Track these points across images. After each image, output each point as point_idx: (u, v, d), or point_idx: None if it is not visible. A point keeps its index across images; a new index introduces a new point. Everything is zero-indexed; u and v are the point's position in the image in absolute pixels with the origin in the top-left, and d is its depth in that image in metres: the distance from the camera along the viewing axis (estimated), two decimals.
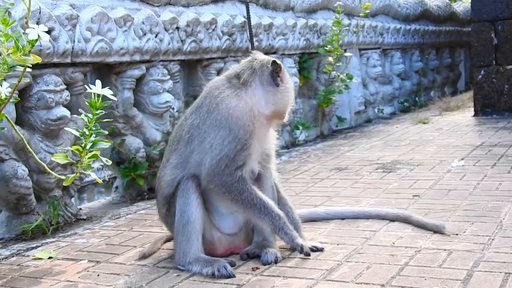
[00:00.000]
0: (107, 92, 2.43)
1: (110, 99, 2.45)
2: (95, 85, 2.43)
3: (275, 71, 2.61)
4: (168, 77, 4.33)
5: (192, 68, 4.79)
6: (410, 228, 2.88)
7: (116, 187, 4.15)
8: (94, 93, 2.40)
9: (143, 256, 2.68)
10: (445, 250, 2.53)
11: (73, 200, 3.67)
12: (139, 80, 4.17)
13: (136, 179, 4.02)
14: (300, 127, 5.94)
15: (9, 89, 2.48)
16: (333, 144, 5.76)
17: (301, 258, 2.55)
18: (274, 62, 2.62)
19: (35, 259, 2.75)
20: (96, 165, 4.88)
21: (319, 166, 4.68)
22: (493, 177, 3.84)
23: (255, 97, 2.58)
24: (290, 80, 2.74)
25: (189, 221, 2.48)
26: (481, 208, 3.15)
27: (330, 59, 6.12)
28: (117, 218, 3.48)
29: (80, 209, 3.74)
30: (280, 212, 2.54)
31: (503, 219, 2.92)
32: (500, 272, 2.23)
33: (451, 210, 3.15)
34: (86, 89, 2.46)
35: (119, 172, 4.05)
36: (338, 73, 6.29)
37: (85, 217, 3.55)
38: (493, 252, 2.46)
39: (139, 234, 3.08)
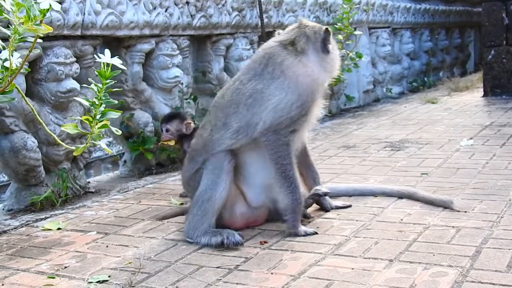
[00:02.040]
0: (116, 61, 2.41)
1: (119, 69, 2.44)
2: (108, 51, 2.42)
3: (327, 38, 2.65)
4: (178, 52, 4.32)
5: (201, 43, 4.77)
6: (418, 205, 2.87)
7: (125, 161, 4.16)
8: (103, 63, 2.39)
9: (162, 218, 2.82)
10: (453, 227, 2.53)
11: (81, 173, 3.68)
12: (149, 55, 4.16)
13: (144, 154, 4.03)
14: None
15: (20, 60, 2.47)
16: (341, 123, 5.75)
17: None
18: (326, 30, 2.67)
19: (44, 229, 2.77)
20: (104, 141, 4.89)
21: (327, 143, 4.67)
22: (502, 157, 3.82)
23: (316, 65, 2.65)
24: (336, 47, 2.81)
25: (211, 199, 2.49)
26: (490, 186, 3.14)
27: (340, 37, 6.07)
28: (125, 192, 3.49)
29: (89, 182, 3.76)
30: (300, 197, 2.57)
31: None
32: (509, 249, 2.23)
33: (459, 188, 3.15)
34: (96, 62, 2.46)
35: (128, 146, 4.06)
36: (348, 52, 6.25)
37: (93, 190, 3.56)
38: (502, 230, 2.46)
39: (147, 207, 3.09)
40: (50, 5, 2.30)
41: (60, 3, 3.36)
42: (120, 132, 2.53)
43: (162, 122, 3.34)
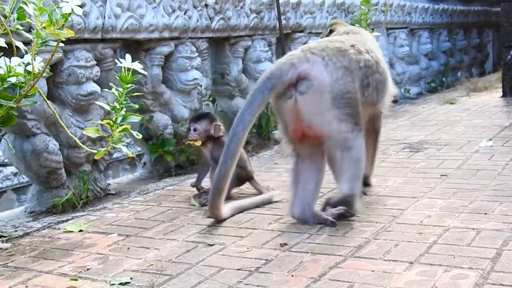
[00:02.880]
0: (137, 66, 2.45)
1: (140, 73, 2.47)
2: (129, 55, 2.45)
3: None
4: (196, 54, 4.34)
5: (220, 45, 4.79)
6: (438, 207, 2.87)
7: (144, 163, 4.19)
8: (124, 67, 2.42)
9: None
10: (473, 229, 2.52)
11: (101, 175, 3.72)
12: (168, 57, 4.19)
13: (163, 156, 4.05)
14: None
15: (42, 64, 2.51)
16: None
17: (329, 235, 2.56)
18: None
19: (66, 232, 2.80)
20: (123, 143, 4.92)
21: None
22: None
23: None
24: None
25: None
26: (509, 188, 3.13)
27: None
28: (145, 194, 3.52)
29: (109, 184, 3.79)
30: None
31: None
32: None
33: (479, 189, 3.14)
34: (116, 65, 2.49)
35: (147, 148, 4.09)
36: None
37: (114, 192, 3.59)
38: None
39: (168, 209, 3.11)
40: (72, 9, 2.34)
41: (81, 6, 3.42)
42: (140, 136, 2.57)
43: (191, 121, 3.35)
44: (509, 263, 2.13)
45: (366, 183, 3.26)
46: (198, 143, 3.30)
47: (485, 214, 2.72)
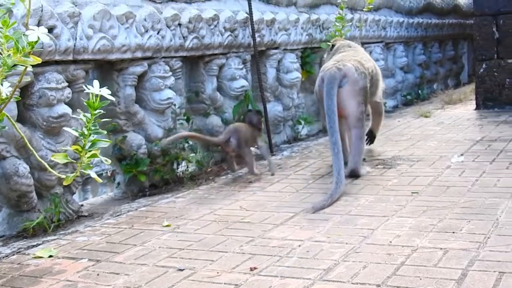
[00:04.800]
0: (105, 92, 2.45)
1: (108, 99, 2.48)
2: (96, 81, 2.46)
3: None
4: (170, 73, 4.36)
5: (194, 64, 4.80)
6: (407, 226, 2.90)
7: (118, 183, 4.18)
8: (92, 93, 2.43)
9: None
10: (441, 248, 2.56)
11: (74, 196, 3.71)
12: (141, 77, 4.19)
13: (137, 176, 4.05)
14: (302, 122, 5.96)
15: (10, 88, 2.51)
16: None
17: (299, 257, 2.58)
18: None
19: (35, 257, 2.79)
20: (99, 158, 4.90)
21: (320, 161, 4.71)
22: (492, 173, 3.86)
23: None
24: None
25: None
26: (478, 205, 3.17)
27: None
28: (118, 215, 3.51)
29: (82, 205, 3.78)
30: None
31: (500, 216, 2.95)
32: (494, 271, 2.26)
33: (449, 207, 3.18)
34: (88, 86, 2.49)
35: (121, 168, 4.09)
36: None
37: (86, 214, 3.58)
38: (488, 251, 2.49)
39: (140, 232, 3.11)
40: (39, 37, 2.34)
41: (51, 28, 3.43)
42: (109, 162, 2.57)
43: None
44: (473, 284, 2.16)
45: (372, 136, 4.99)
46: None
47: (453, 233, 2.76)
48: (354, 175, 4.07)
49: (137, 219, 3.39)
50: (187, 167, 4.48)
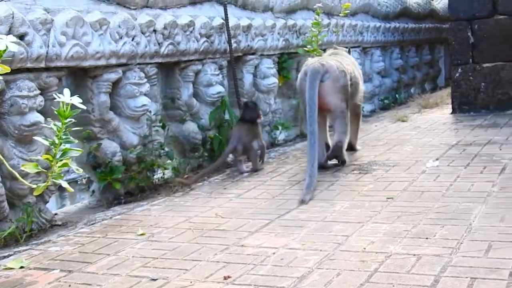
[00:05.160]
0: (76, 100, 2.43)
1: (79, 108, 2.46)
2: (67, 90, 2.44)
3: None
4: (145, 80, 4.33)
5: (170, 70, 4.78)
6: (382, 232, 2.91)
7: (93, 191, 4.15)
8: (62, 102, 2.41)
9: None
10: (414, 255, 2.56)
11: (51, 203, 3.67)
12: (116, 84, 4.16)
13: (112, 183, 4.02)
14: (280, 127, 5.96)
15: None
16: None
17: (273, 265, 2.57)
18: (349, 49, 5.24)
19: (6, 269, 2.74)
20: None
21: (297, 167, 4.71)
22: (466, 178, 3.88)
23: None
24: None
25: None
26: (452, 210, 3.19)
27: (310, 59, 6.12)
28: (92, 224, 3.48)
29: (56, 214, 3.74)
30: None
31: (473, 221, 2.96)
32: (466, 277, 2.27)
33: (423, 212, 3.19)
34: (61, 93, 2.47)
35: (96, 176, 4.05)
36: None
37: (60, 223, 3.55)
38: (461, 257, 2.50)
39: (114, 241, 3.09)
40: (7, 46, 2.32)
41: (23, 36, 3.39)
42: (81, 170, 2.54)
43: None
44: None
45: (352, 149, 5.06)
46: None
47: (427, 238, 2.77)
48: (337, 150, 4.52)
49: (112, 228, 3.36)
50: (163, 174, 4.45)
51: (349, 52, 5.36)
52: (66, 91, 2.42)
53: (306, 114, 4.23)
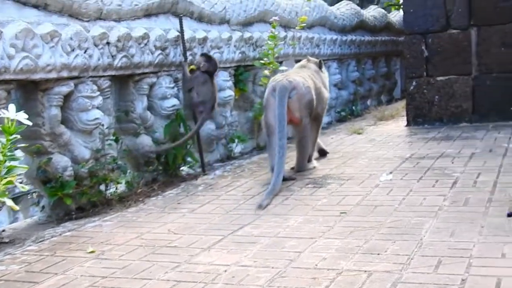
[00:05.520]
0: (21, 116, 2.38)
1: (25, 124, 2.40)
2: (12, 105, 2.38)
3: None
4: (98, 93, 4.27)
5: (124, 83, 4.72)
6: (334, 248, 2.91)
7: (43, 207, 4.06)
8: (7, 118, 2.35)
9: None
10: (365, 271, 2.57)
11: (2, 217, 3.57)
12: (67, 97, 4.09)
13: (63, 199, 3.94)
14: (236, 140, 5.94)
15: None
16: (268, 157, 5.77)
17: (224, 283, 2.55)
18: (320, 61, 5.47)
19: None
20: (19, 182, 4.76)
21: (252, 181, 4.69)
22: (418, 192, 3.92)
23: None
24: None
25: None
26: (403, 225, 3.21)
27: (266, 72, 6.14)
28: (41, 241, 3.40)
29: (3, 230, 3.65)
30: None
31: (424, 236, 2.99)
32: None
33: (375, 227, 3.20)
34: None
35: (46, 191, 3.97)
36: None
37: (7, 240, 3.45)
38: (411, 273, 2.51)
39: (62, 260, 3.02)
40: None
41: None
42: (26, 188, 2.48)
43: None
44: None
45: (308, 160, 5.08)
46: None
47: (378, 254, 2.78)
48: (300, 171, 4.82)
49: (61, 245, 3.29)
50: (116, 188, 4.38)
51: (320, 63, 5.45)
52: (11, 107, 2.37)
53: (276, 129, 4.43)
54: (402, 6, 9.59)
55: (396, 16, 12.01)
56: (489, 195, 3.67)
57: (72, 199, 4.00)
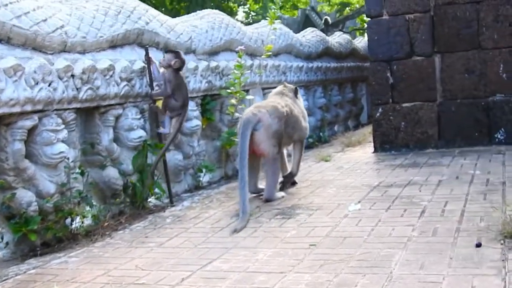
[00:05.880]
0: None
1: None
2: None
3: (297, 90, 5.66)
4: (63, 126, 4.21)
5: (89, 115, 4.67)
6: (304, 283, 2.88)
7: (7, 243, 3.95)
8: None
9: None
10: None
11: None
12: (31, 131, 4.02)
13: (28, 235, 3.85)
14: (204, 170, 5.90)
15: None
16: (236, 187, 5.72)
17: None
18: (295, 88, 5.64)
19: None
20: None
21: (221, 212, 4.65)
22: (387, 222, 3.93)
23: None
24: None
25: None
26: (373, 257, 3.20)
27: (233, 101, 6.15)
28: (4, 280, 3.31)
29: None
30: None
31: (394, 269, 2.98)
32: None
33: (345, 260, 3.19)
34: None
35: (10, 227, 3.87)
36: (241, 115, 6.32)
37: None
38: None
39: None
40: None
41: None
42: None
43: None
44: None
45: (291, 176, 5.46)
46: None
47: None
48: (269, 200, 4.86)
49: (25, 284, 3.21)
50: (82, 222, 4.30)
51: (295, 90, 5.59)
52: None
53: (238, 160, 4.69)
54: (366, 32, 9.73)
55: (361, 42, 12.18)
56: (457, 224, 3.70)
57: (37, 234, 3.92)
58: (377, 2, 7.36)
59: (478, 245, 3.22)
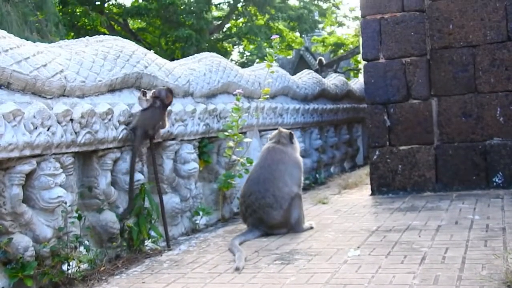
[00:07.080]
0: None
1: None
2: None
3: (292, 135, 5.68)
4: (61, 170, 4.19)
5: (87, 158, 4.65)
6: None
7: None
8: None
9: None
10: None
11: None
12: (29, 175, 4.00)
13: (24, 280, 3.80)
14: (201, 213, 5.87)
15: None
16: (233, 230, 5.71)
17: None
18: (290, 133, 5.68)
19: None
20: None
21: (218, 257, 4.61)
22: (387, 268, 3.89)
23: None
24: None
25: (302, 215, 5.40)
26: None
27: (231, 143, 6.15)
28: None
29: None
30: None
31: None
32: None
33: None
34: None
35: (6, 272, 3.82)
36: (238, 158, 6.33)
37: None
38: None
39: None
40: None
41: None
42: None
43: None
44: None
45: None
46: None
47: None
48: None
49: None
50: (79, 267, 4.25)
51: (290, 135, 5.61)
52: None
53: None
54: (361, 73, 9.82)
55: (357, 83, 12.27)
56: (458, 272, 3.66)
57: (33, 280, 3.86)
58: (374, 46, 7.44)
59: None
